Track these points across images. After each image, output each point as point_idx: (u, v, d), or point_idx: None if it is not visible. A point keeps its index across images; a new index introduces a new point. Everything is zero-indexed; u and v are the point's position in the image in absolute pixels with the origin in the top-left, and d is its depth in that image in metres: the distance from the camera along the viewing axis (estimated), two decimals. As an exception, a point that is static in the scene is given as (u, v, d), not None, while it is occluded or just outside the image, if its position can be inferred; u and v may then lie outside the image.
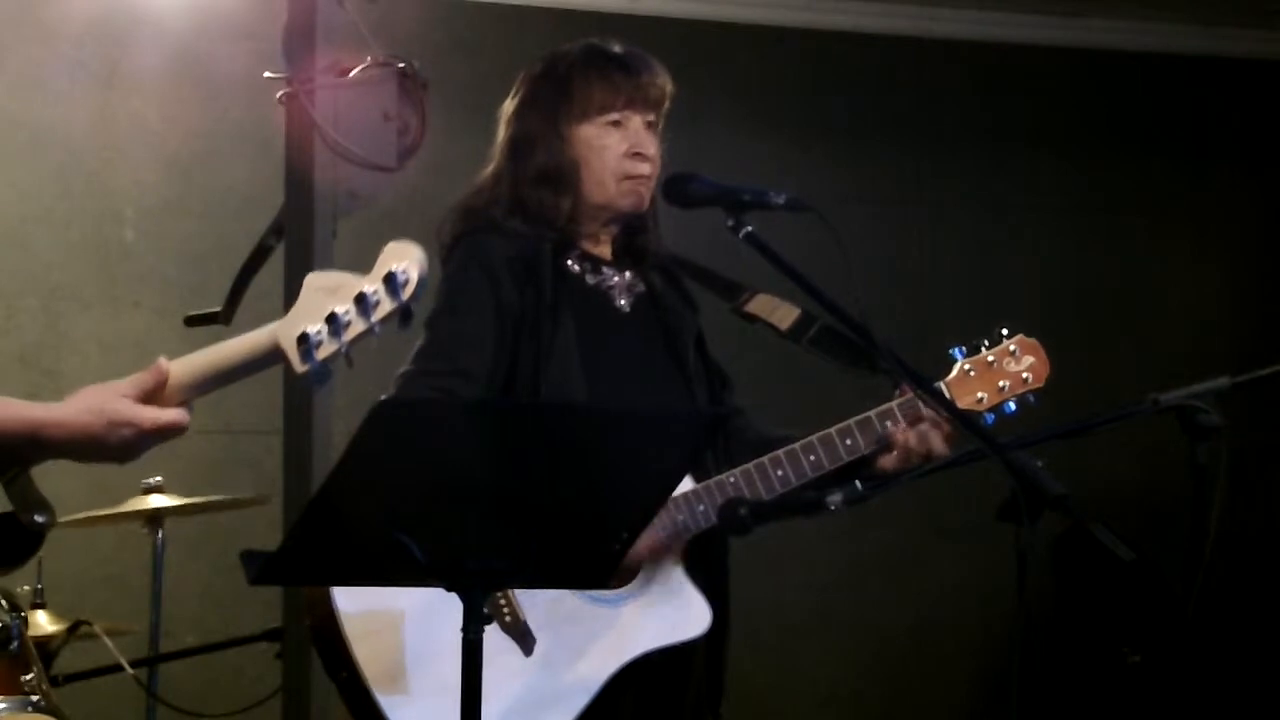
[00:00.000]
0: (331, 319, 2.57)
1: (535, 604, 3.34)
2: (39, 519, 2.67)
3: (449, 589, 2.77)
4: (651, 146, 3.54)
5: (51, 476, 2.76)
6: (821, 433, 3.44)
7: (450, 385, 3.41)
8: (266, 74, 4.18)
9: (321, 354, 2.58)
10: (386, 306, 2.57)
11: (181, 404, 2.66)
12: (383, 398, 2.71)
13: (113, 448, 2.65)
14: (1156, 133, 7.09)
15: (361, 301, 2.57)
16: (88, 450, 2.65)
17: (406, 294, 2.55)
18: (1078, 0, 6.89)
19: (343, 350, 2.58)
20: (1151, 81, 7.09)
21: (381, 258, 2.58)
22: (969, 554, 6.35)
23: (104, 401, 2.64)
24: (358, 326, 2.57)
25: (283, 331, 2.61)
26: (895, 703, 6.71)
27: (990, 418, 3.49)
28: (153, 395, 2.64)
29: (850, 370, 3.51)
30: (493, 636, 3.07)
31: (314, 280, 2.62)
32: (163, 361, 2.67)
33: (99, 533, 5.27)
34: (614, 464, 2.84)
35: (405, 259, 2.56)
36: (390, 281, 2.55)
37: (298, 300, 2.61)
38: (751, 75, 6.68)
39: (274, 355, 2.62)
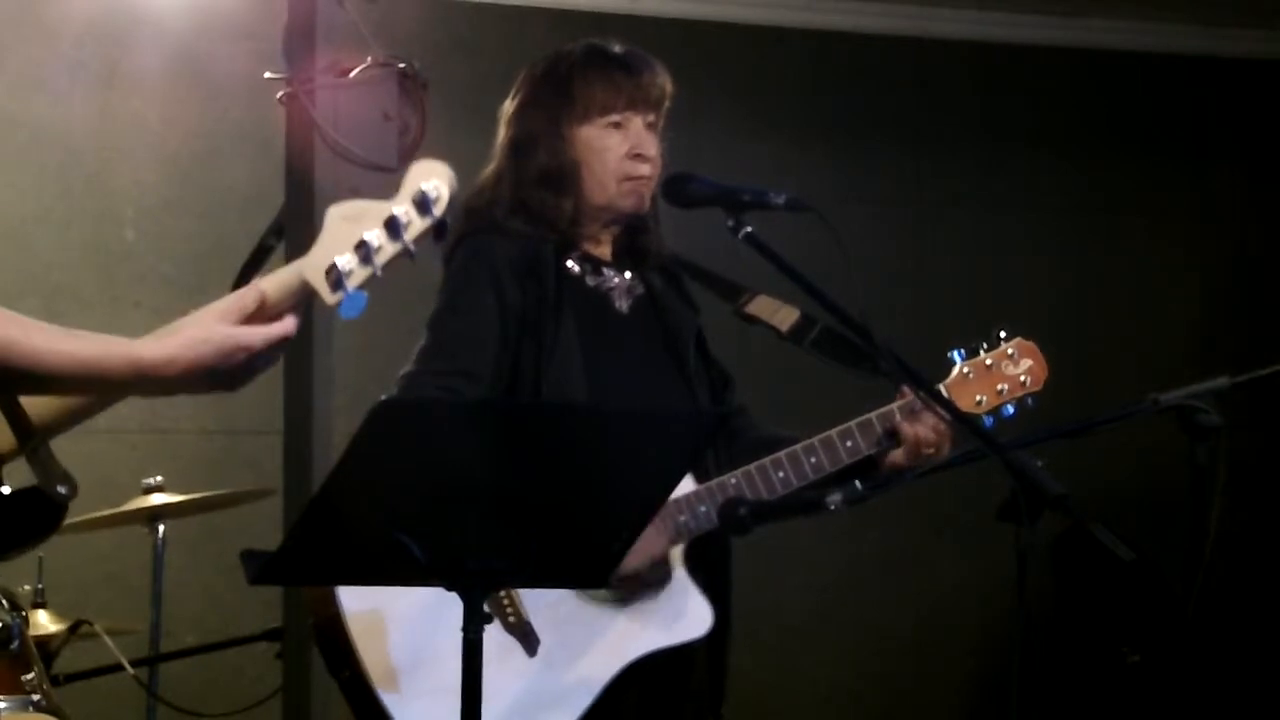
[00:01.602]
0: (361, 246, 2.53)
1: (538, 604, 3.34)
2: (62, 490, 2.63)
3: (449, 589, 2.77)
4: (652, 147, 3.55)
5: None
6: (822, 434, 3.44)
7: (453, 385, 3.41)
8: (266, 74, 4.19)
9: (353, 282, 2.53)
10: (419, 225, 2.53)
11: (283, 315, 2.57)
12: (383, 398, 2.71)
13: (226, 374, 2.54)
14: (1156, 133, 7.09)
15: (392, 224, 2.53)
16: (198, 383, 2.54)
17: (439, 210, 2.52)
18: (1078, 0, 6.88)
19: (377, 274, 2.53)
20: (1151, 81, 7.09)
21: (408, 178, 2.55)
22: (969, 554, 6.35)
23: (213, 329, 2.53)
24: (390, 249, 2.53)
25: (308, 266, 2.55)
26: (895, 703, 6.71)
27: (989, 420, 3.49)
28: (253, 316, 2.55)
29: (851, 371, 3.51)
30: (496, 636, 3.07)
31: (337, 210, 2.57)
32: (259, 280, 2.60)
33: (99, 533, 5.26)
34: (614, 464, 2.84)
35: (434, 175, 2.54)
36: (421, 200, 2.52)
37: (322, 232, 2.57)
38: (751, 75, 6.68)
39: (301, 293, 2.57)
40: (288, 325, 2.56)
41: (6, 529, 2.69)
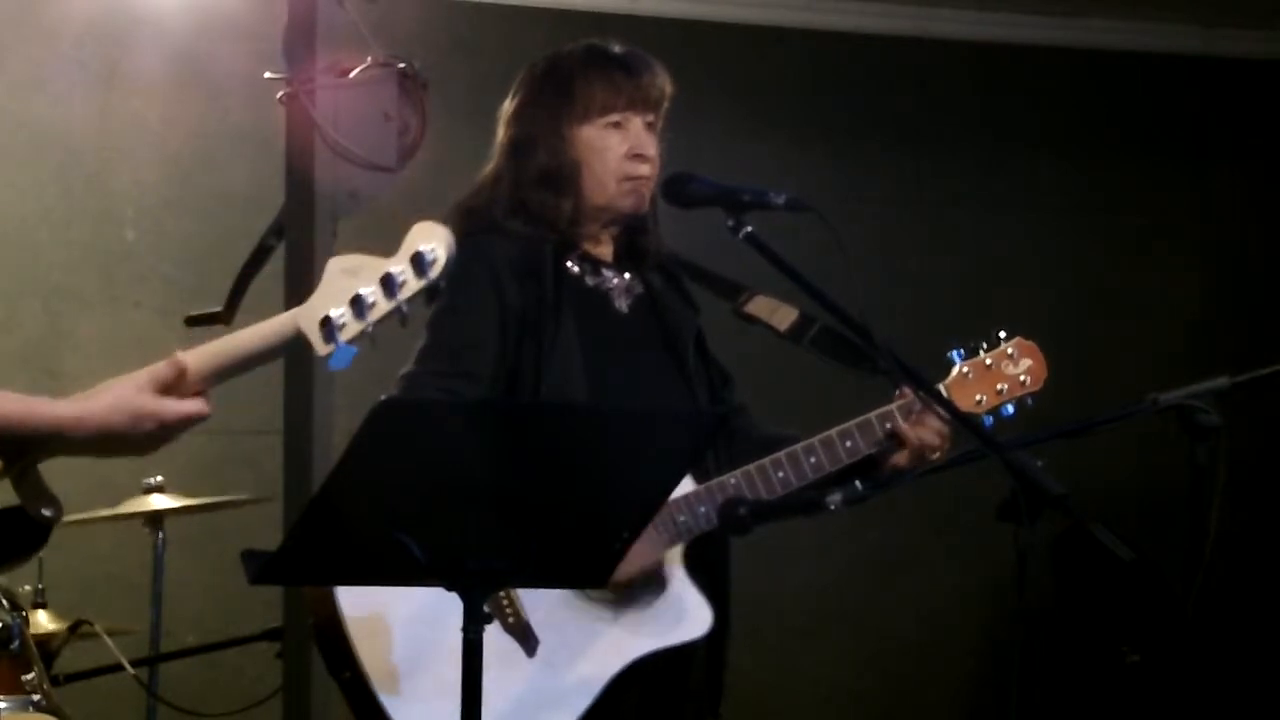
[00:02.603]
0: (356, 301, 2.59)
1: (538, 604, 3.34)
2: (46, 512, 2.69)
3: (449, 589, 2.77)
4: (652, 147, 3.55)
5: (52, 476, 2.76)
6: (822, 434, 3.45)
7: (453, 386, 3.41)
8: (266, 74, 4.18)
9: (345, 335, 2.59)
10: (413, 285, 2.58)
11: (198, 394, 2.68)
12: (383, 398, 2.71)
13: (135, 441, 2.68)
14: (1156, 133, 7.09)
15: (388, 282, 2.58)
16: (110, 445, 2.68)
17: (434, 273, 2.57)
18: (1078, 0, 6.88)
19: (368, 330, 2.58)
20: (1151, 81, 7.09)
21: (408, 238, 2.60)
22: (969, 554, 6.34)
23: (126, 397, 2.66)
24: (383, 306, 2.58)
25: (304, 316, 2.62)
26: (895, 703, 6.71)
27: (988, 420, 3.49)
28: (171, 387, 2.66)
29: (850, 371, 3.51)
30: (495, 637, 3.07)
31: (336, 264, 2.64)
32: (179, 354, 2.69)
33: (99, 533, 5.27)
34: (614, 464, 2.84)
35: (432, 239, 2.59)
36: (418, 261, 2.57)
37: (320, 284, 2.62)
38: (751, 75, 6.68)
39: (294, 340, 2.63)
40: (198, 406, 2.69)
41: None
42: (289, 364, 4.49)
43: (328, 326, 2.60)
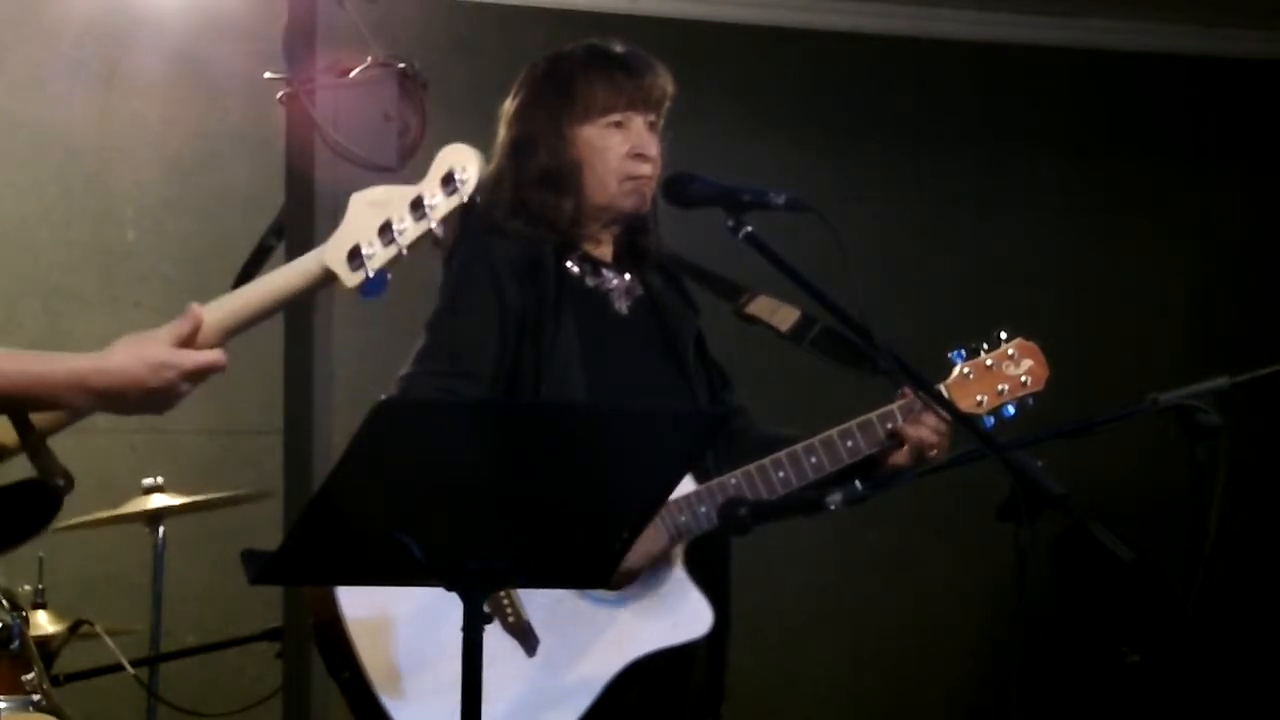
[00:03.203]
0: (385, 229, 2.57)
1: (538, 604, 3.34)
2: (59, 482, 2.71)
3: (449, 589, 2.77)
4: (653, 147, 3.55)
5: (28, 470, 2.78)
6: (823, 434, 3.45)
7: (453, 386, 3.41)
8: (266, 74, 4.18)
9: (375, 264, 2.59)
10: (445, 206, 2.58)
11: (216, 346, 2.68)
12: (383, 398, 2.71)
13: (155, 392, 2.70)
14: (1156, 133, 7.09)
15: (418, 205, 2.57)
16: (131, 396, 2.70)
17: (467, 190, 2.57)
18: (1078, 0, 6.88)
19: (401, 254, 2.58)
20: (1151, 81, 7.09)
21: (437, 162, 2.60)
22: (969, 554, 6.34)
23: (145, 348, 2.69)
24: (414, 230, 2.58)
25: (330, 252, 2.62)
26: (895, 702, 6.71)
27: (989, 421, 3.50)
28: (188, 341, 2.67)
29: (851, 371, 3.51)
30: (496, 637, 3.07)
31: (360, 197, 2.63)
32: (195, 307, 2.70)
33: (99, 533, 5.27)
34: (614, 464, 2.84)
35: (463, 158, 2.59)
36: (449, 182, 2.56)
37: (344, 218, 2.62)
38: (751, 75, 6.68)
39: (322, 279, 2.63)
40: (216, 356, 2.69)
41: (5, 522, 2.73)
42: (289, 364, 4.49)
43: (356, 258, 2.59)
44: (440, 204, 2.59)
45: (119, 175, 6.00)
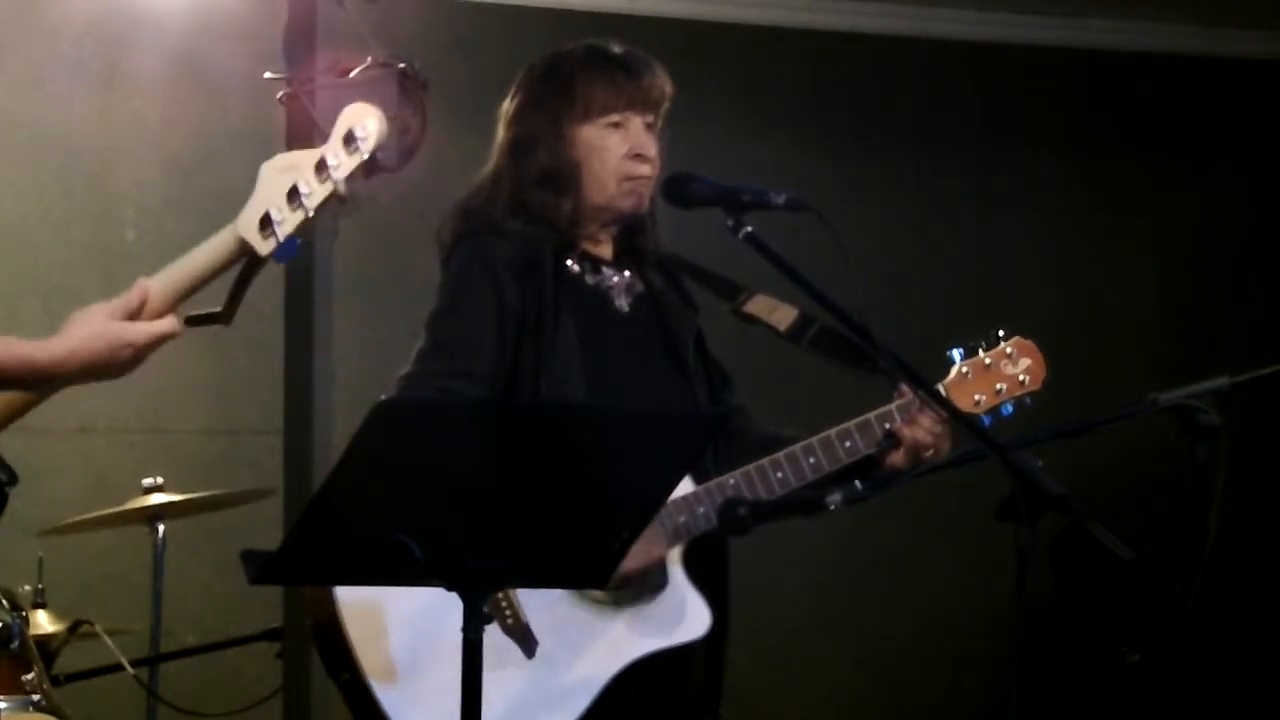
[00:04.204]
0: (293, 194, 2.63)
1: (537, 605, 3.34)
2: (2, 478, 2.74)
3: (449, 589, 2.77)
4: (652, 147, 3.55)
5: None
6: (821, 435, 3.45)
7: (453, 386, 3.41)
8: (266, 74, 4.19)
9: (285, 229, 2.66)
10: (348, 164, 2.64)
11: (165, 314, 2.75)
12: (383, 398, 2.71)
13: (117, 366, 2.76)
14: (1156, 133, 7.09)
15: (321, 166, 2.63)
16: (95, 374, 2.77)
17: (368, 146, 2.62)
18: (1078, 0, 6.88)
19: (308, 215, 2.64)
20: (1151, 81, 7.09)
21: (339, 121, 2.66)
22: (969, 554, 6.34)
23: (101, 327, 2.77)
24: (320, 191, 2.63)
25: (243, 223, 2.69)
26: (895, 702, 6.71)
27: (987, 420, 3.49)
28: (136, 313, 2.74)
29: (850, 371, 3.51)
30: (494, 638, 3.07)
31: (268, 166, 2.71)
32: (143, 280, 2.73)
33: (99, 532, 5.27)
34: (614, 464, 2.84)
35: (362, 115, 2.64)
36: (349, 141, 2.61)
37: (256, 188, 2.68)
38: (751, 75, 6.68)
39: (240, 250, 2.70)
40: (170, 324, 2.76)
41: None
42: (289, 364, 4.50)
43: (268, 225, 2.65)
44: (343, 163, 2.65)
45: (119, 175, 6.00)
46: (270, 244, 2.69)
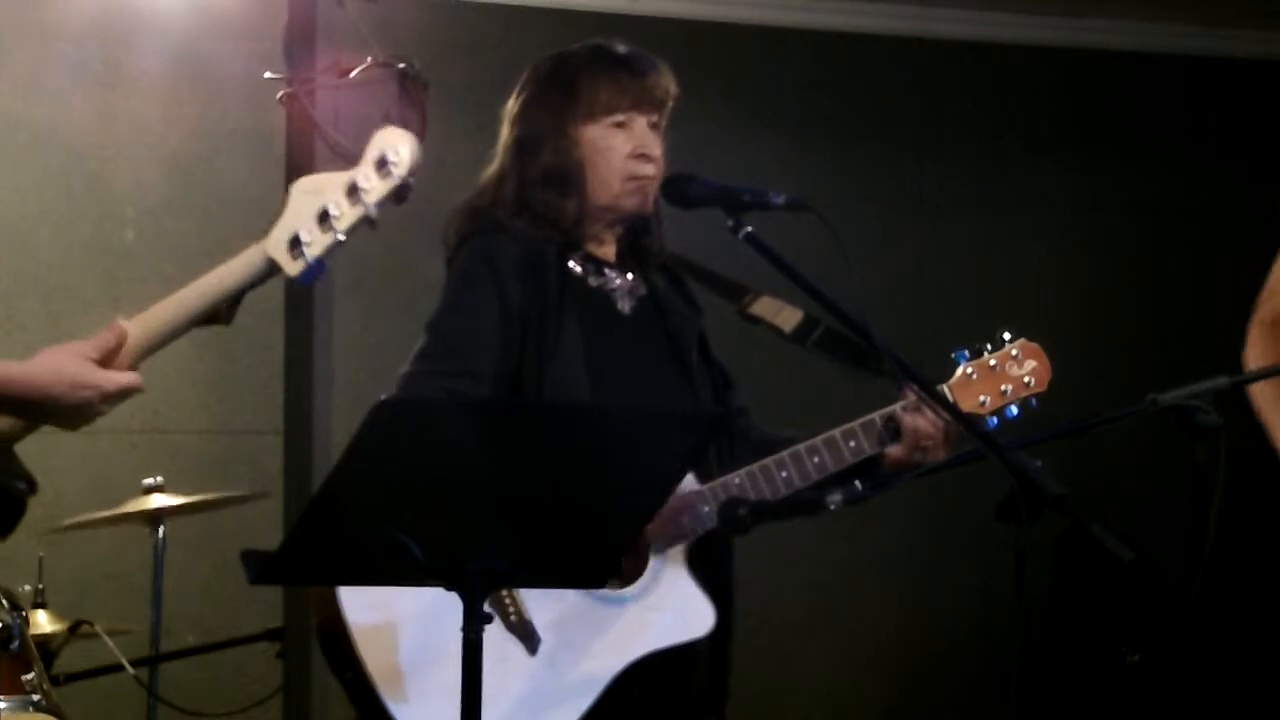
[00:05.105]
0: (324, 216, 2.63)
1: (540, 604, 3.34)
2: (21, 485, 2.72)
3: (449, 589, 2.77)
4: (656, 147, 3.55)
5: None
6: (825, 435, 3.45)
7: (454, 385, 3.41)
8: (266, 74, 4.19)
9: (313, 251, 2.66)
10: (380, 189, 2.63)
11: (134, 366, 2.71)
12: (383, 397, 2.72)
13: (69, 409, 2.69)
14: (1156, 133, 7.09)
15: (352, 189, 2.62)
16: (43, 409, 2.68)
17: (401, 172, 2.61)
18: (1078, 0, 6.89)
19: (338, 239, 2.63)
20: (1151, 81, 7.09)
21: (371, 144, 2.65)
22: (969, 554, 6.34)
23: (65, 363, 2.69)
24: (350, 215, 2.63)
25: (271, 243, 2.68)
26: (894, 702, 6.71)
27: (993, 422, 3.49)
28: (111, 356, 2.68)
29: (853, 372, 3.51)
30: (497, 636, 3.08)
31: (298, 187, 2.70)
32: (120, 322, 2.71)
33: (99, 533, 5.27)
34: (614, 464, 2.84)
35: (395, 140, 2.64)
36: (381, 163, 2.61)
37: (285, 208, 2.67)
38: (751, 75, 6.68)
39: (267, 270, 2.68)
40: (132, 379, 2.69)
41: None
42: (289, 364, 4.50)
43: (296, 246, 2.65)
44: (375, 187, 2.65)
45: (119, 175, 6.00)
46: (299, 265, 2.68)
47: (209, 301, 2.76)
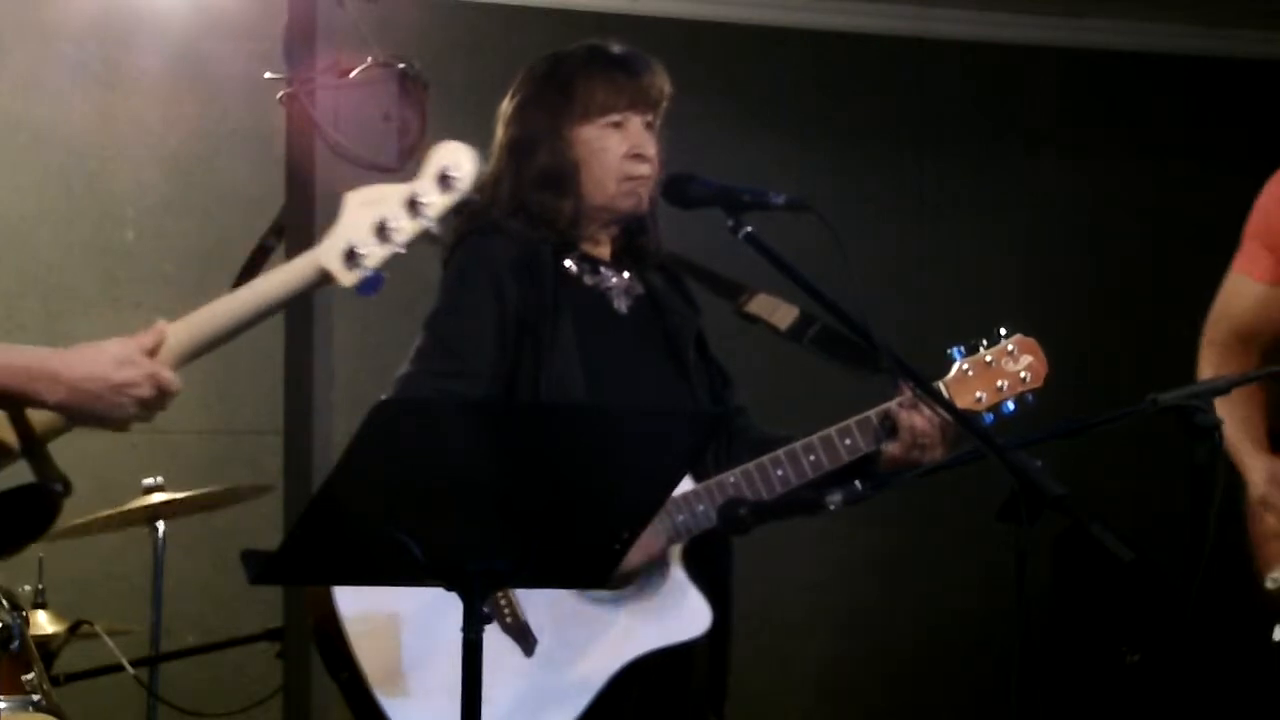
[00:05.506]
0: (381, 228, 2.61)
1: (536, 604, 3.34)
2: (58, 487, 2.71)
3: (449, 589, 2.77)
4: (651, 147, 3.55)
5: (26, 478, 2.78)
6: (821, 433, 3.45)
7: (451, 386, 3.41)
8: (266, 74, 4.19)
9: (371, 262, 2.63)
10: (440, 204, 2.62)
11: (174, 369, 2.73)
12: (383, 398, 2.71)
13: (116, 388, 2.68)
14: (1156, 133, 7.09)
15: (413, 204, 2.60)
16: (94, 389, 2.68)
17: (464, 186, 2.60)
18: (1078, 0, 6.89)
19: (399, 251, 2.62)
20: (1151, 81, 7.09)
21: (431, 159, 2.64)
22: (969, 554, 6.34)
23: (108, 346, 2.69)
24: (410, 228, 2.61)
25: (324, 252, 2.66)
26: (894, 702, 6.71)
27: (989, 417, 3.49)
28: (150, 354, 2.69)
29: (850, 370, 3.51)
30: (494, 637, 3.07)
31: (354, 197, 2.68)
32: (161, 324, 2.70)
33: (99, 533, 5.27)
34: (614, 464, 2.84)
35: (456, 155, 2.61)
36: (443, 178, 2.59)
37: (340, 217, 2.65)
38: (751, 75, 6.69)
39: (319, 280, 2.66)
40: (172, 377, 2.71)
41: (3, 526, 2.74)
42: (289, 364, 4.50)
43: (352, 257, 2.63)
44: (436, 202, 2.63)
45: (119, 175, 6.00)
46: (355, 276, 2.67)
47: (255, 310, 2.75)
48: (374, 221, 2.64)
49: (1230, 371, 3.90)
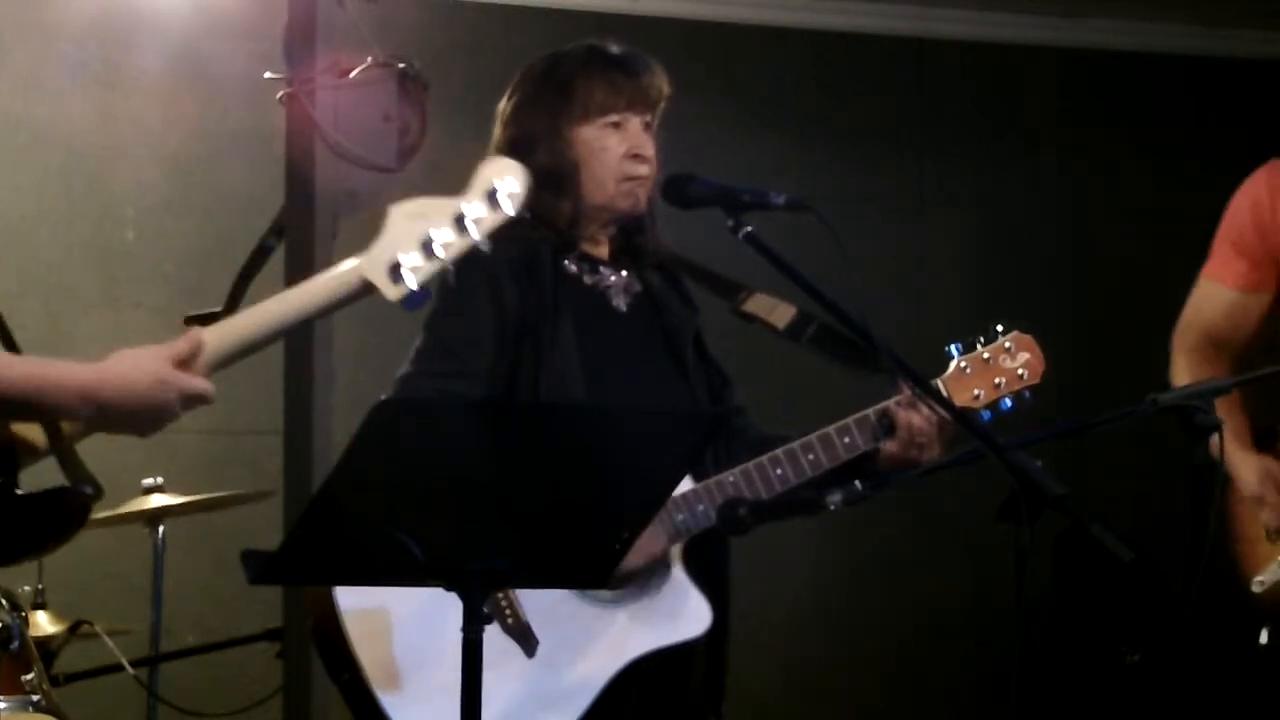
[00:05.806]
0: (427, 244, 2.60)
1: (537, 605, 3.34)
2: (88, 490, 2.71)
3: (449, 589, 2.77)
4: (650, 147, 3.55)
5: (52, 477, 2.78)
6: (820, 432, 3.45)
7: (451, 386, 3.41)
8: (266, 74, 4.19)
9: (420, 277, 2.62)
10: (490, 221, 2.61)
11: (208, 375, 2.70)
12: (383, 398, 2.71)
13: (151, 408, 2.68)
14: (1156, 133, 7.09)
15: (461, 221, 2.59)
16: (129, 407, 2.68)
17: (514, 205, 2.59)
18: (1078, 0, 6.89)
19: (448, 267, 2.61)
20: (1151, 81, 7.09)
21: (480, 174, 2.63)
22: (969, 554, 6.34)
23: (145, 362, 2.68)
24: (459, 244, 2.60)
25: (368, 264, 2.65)
26: (894, 702, 6.71)
27: (987, 415, 3.50)
28: (185, 363, 2.67)
29: (849, 369, 3.51)
30: (494, 637, 3.07)
31: (399, 210, 2.66)
32: (198, 330, 2.69)
33: (99, 533, 5.26)
34: (614, 464, 2.84)
35: (506, 172, 2.61)
36: (492, 196, 2.58)
37: (384, 229, 2.64)
38: (751, 75, 6.68)
39: (360, 292, 2.65)
40: (208, 386, 2.69)
41: (32, 528, 2.74)
42: (289, 364, 4.49)
43: (397, 271, 2.62)
44: (485, 219, 2.62)
45: (119, 175, 6.00)
46: (400, 290, 2.67)
47: (293, 318, 2.73)
48: (420, 236, 2.63)
49: (1205, 378, 3.88)
